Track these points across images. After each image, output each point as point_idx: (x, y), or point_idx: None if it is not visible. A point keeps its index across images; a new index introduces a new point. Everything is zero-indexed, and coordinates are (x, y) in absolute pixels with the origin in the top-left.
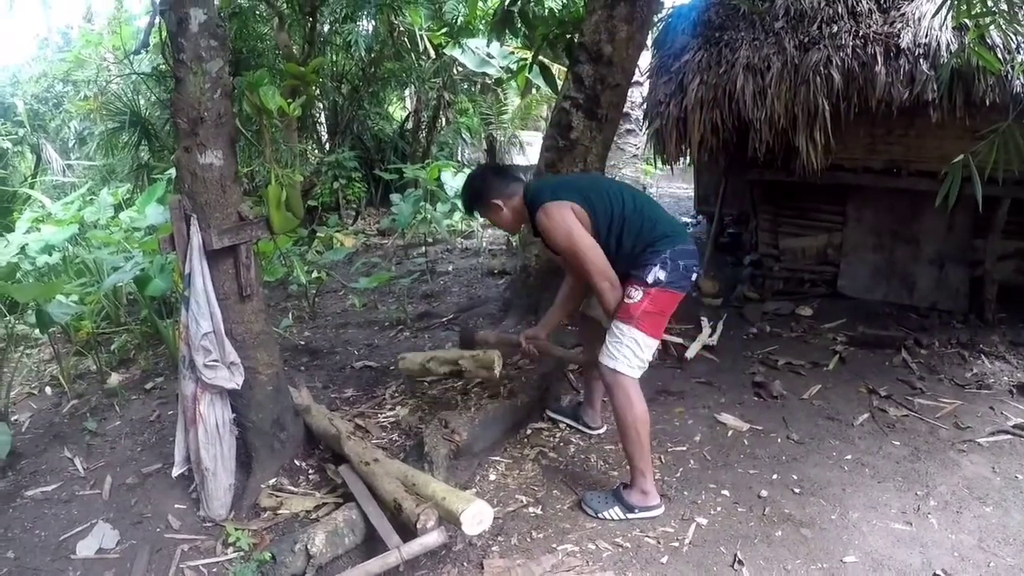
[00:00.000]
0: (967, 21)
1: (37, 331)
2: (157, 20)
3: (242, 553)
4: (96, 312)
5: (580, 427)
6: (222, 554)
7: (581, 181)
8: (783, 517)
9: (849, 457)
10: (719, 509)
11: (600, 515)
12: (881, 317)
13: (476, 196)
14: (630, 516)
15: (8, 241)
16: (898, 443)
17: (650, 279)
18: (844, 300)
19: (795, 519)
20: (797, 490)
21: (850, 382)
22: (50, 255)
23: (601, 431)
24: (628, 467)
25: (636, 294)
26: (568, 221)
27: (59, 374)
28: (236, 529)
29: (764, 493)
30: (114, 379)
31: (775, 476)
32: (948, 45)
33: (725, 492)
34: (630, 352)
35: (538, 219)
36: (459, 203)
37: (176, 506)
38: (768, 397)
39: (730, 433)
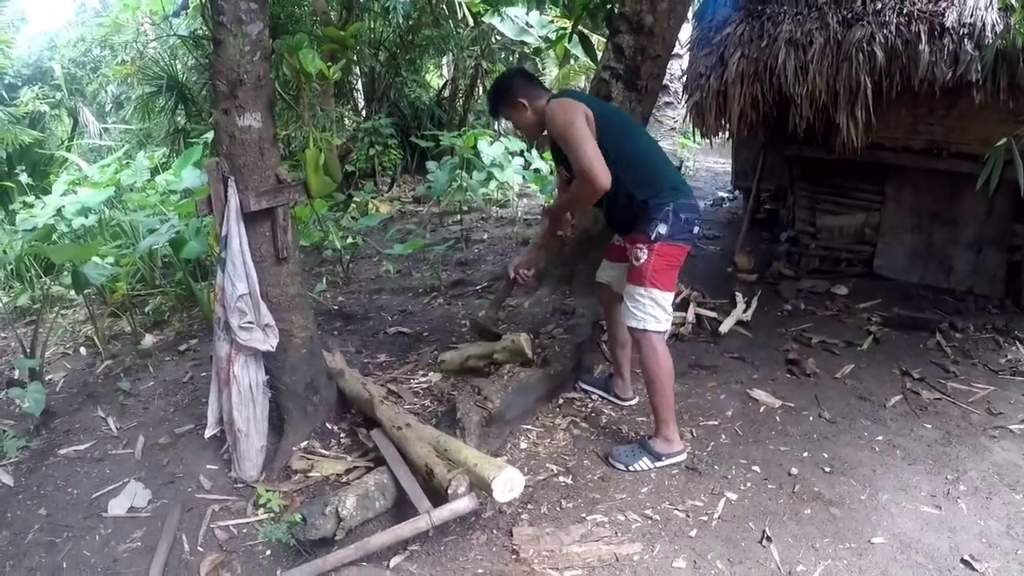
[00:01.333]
0: (1013, 2)
1: (72, 292)
2: None
3: (272, 514)
4: (131, 274)
5: (611, 398)
6: (252, 515)
7: (606, 106)
8: (813, 495)
9: (880, 438)
10: (749, 485)
11: (631, 467)
12: (917, 299)
13: (503, 93)
14: (658, 464)
15: (45, 203)
16: (930, 426)
17: (652, 235)
18: (880, 280)
19: (824, 498)
20: (827, 469)
21: (884, 363)
22: (86, 217)
23: (633, 402)
24: (653, 418)
25: (642, 254)
26: (575, 114)
27: (94, 335)
28: (267, 491)
29: (794, 471)
30: (148, 340)
31: (806, 454)
32: (994, 26)
33: (756, 468)
34: (653, 309)
35: (548, 107)
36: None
37: (208, 467)
38: (801, 375)
39: (762, 409)
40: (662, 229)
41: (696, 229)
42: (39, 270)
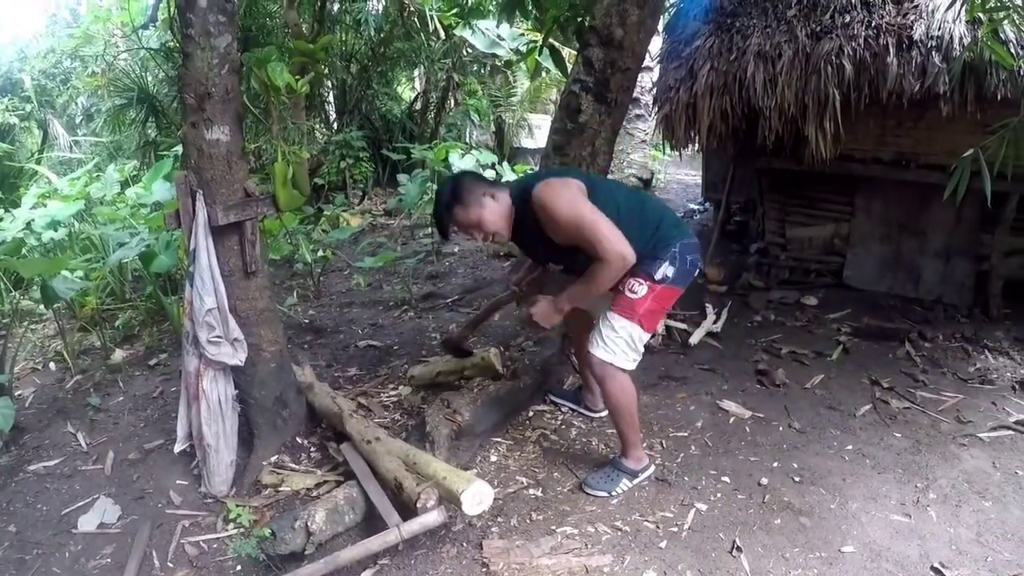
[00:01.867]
0: (981, 15)
1: (42, 306)
2: None
3: (242, 529)
4: (101, 288)
5: (581, 410)
6: (223, 530)
7: (578, 171)
8: (783, 505)
9: (850, 447)
10: (719, 495)
11: (613, 492)
12: (886, 309)
13: (460, 194)
14: (635, 481)
15: (14, 216)
16: (899, 435)
17: (658, 276)
18: (849, 291)
19: (795, 507)
20: (797, 479)
21: (853, 373)
22: (56, 231)
23: (603, 414)
24: (620, 441)
25: (640, 289)
26: (573, 191)
27: (63, 349)
28: (237, 505)
29: (764, 481)
30: (118, 355)
31: (776, 464)
32: (961, 38)
33: (725, 479)
34: (626, 346)
35: (535, 195)
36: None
37: (178, 482)
38: (771, 385)
39: (732, 420)
40: (668, 272)
41: (696, 270)
42: (8, 284)
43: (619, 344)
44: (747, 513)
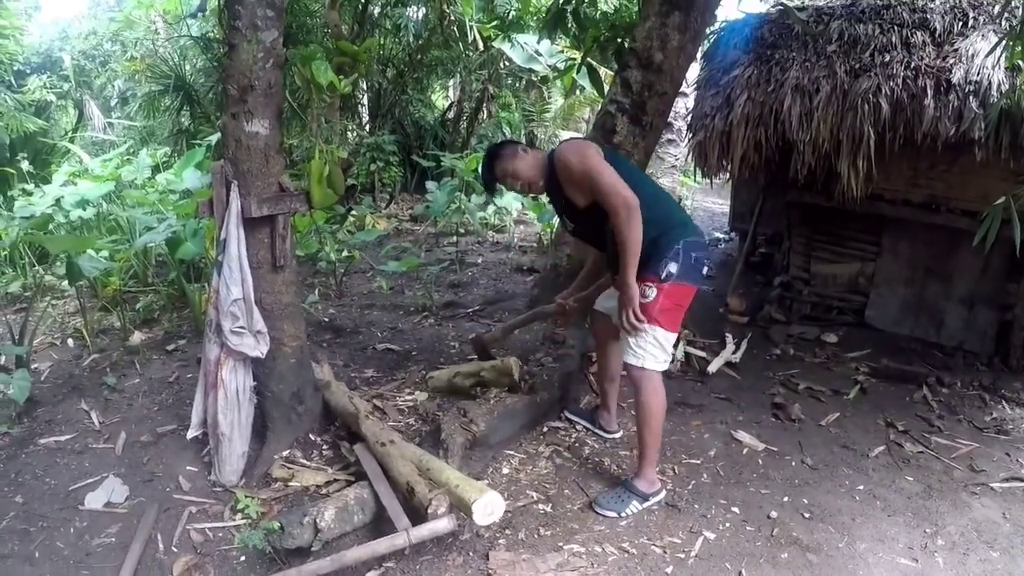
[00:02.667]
0: (1020, 63)
1: (65, 283)
2: None
3: (250, 520)
4: (125, 270)
5: (596, 430)
6: (230, 519)
7: (607, 150)
8: (790, 540)
9: (861, 487)
10: (728, 525)
11: (623, 514)
12: (906, 352)
13: (499, 153)
14: (645, 505)
15: (44, 192)
16: (911, 479)
17: (663, 274)
18: (870, 331)
19: (802, 543)
20: (807, 515)
21: (869, 413)
22: (84, 210)
23: (617, 436)
24: (637, 455)
25: (650, 292)
26: (591, 150)
27: (83, 327)
28: (246, 496)
29: (774, 514)
30: (136, 337)
31: (786, 498)
32: (999, 85)
33: (735, 509)
34: (654, 348)
35: (556, 153)
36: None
37: (188, 468)
38: (786, 419)
39: (745, 451)
40: (672, 268)
41: (705, 270)
42: (33, 258)
43: (648, 348)
44: (755, 545)
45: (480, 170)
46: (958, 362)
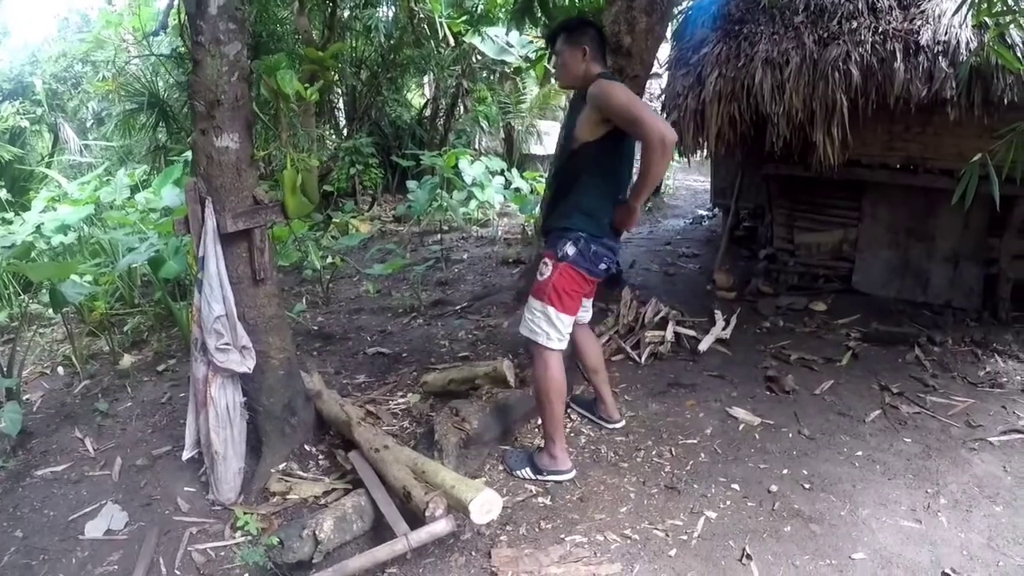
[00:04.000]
0: (987, 20)
1: (51, 310)
2: (176, 1)
3: (250, 537)
4: (110, 293)
5: (596, 420)
6: (230, 538)
7: None
8: (792, 512)
9: (860, 453)
10: (728, 503)
11: (514, 473)
12: (895, 314)
13: (575, 33)
14: (539, 477)
15: (24, 220)
16: (909, 440)
17: (559, 253)
18: (858, 296)
19: (804, 515)
20: (807, 485)
21: (862, 378)
22: (65, 235)
23: (618, 425)
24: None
25: (546, 270)
26: (626, 89)
27: (71, 354)
28: (245, 513)
29: (774, 488)
30: (126, 360)
31: (785, 471)
32: (967, 43)
33: (735, 486)
34: (547, 325)
35: (598, 82)
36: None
37: (185, 489)
38: (780, 392)
39: (741, 427)
40: (569, 250)
41: (603, 266)
42: (17, 287)
43: (536, 322)
44: (757, 521)
45: (555, 24)
46: (948, 320)
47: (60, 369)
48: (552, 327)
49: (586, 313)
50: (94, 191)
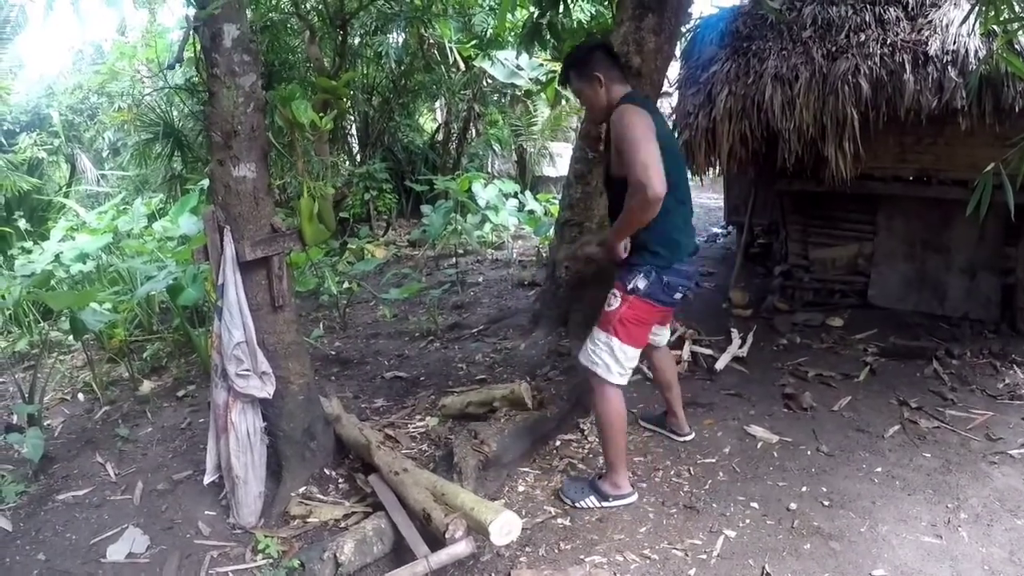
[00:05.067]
0: (995, 28)
1: (71, 338)
2: (191, 34)
3: (271, 560)
4: (129, 320)
5: (667, 434)
6: (251, 561)
7: (672, 139)
8: (812, 530)
9: (879, 469)
10: (747, 522)
11: (577, 504)
12: (912, 327)
13: (582, 63)
14: (604, 504)
15: (43, 249)
16: (929, 455)
17: (630, 285)
18: (875, 310)
19: (824, 532)
20: (826, 503)
21: (881, 394)
22: (84, 263)
23: (689, 438)
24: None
25: (614, 301)
26: (646, 127)
27: (92, 380)
28: (266, 536)
29: (793, 506)
30: (146, 386)
31: (804, 488)
32: (976, 52)
33: (754, 504)
34: (607, 357)
35: (619, 110)
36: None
37: (206, 513)
38: (798, 409)
39: (759, 445)
40: (640, 284)
41: (679, 295)
42: (38, 315)
43: (602, 356)
44: (776, 539)
45: (563, 60)
46: (965, 332)
47: (80, 395)
48: (614, 359)
49: (661, 337)
50: (112, 220)
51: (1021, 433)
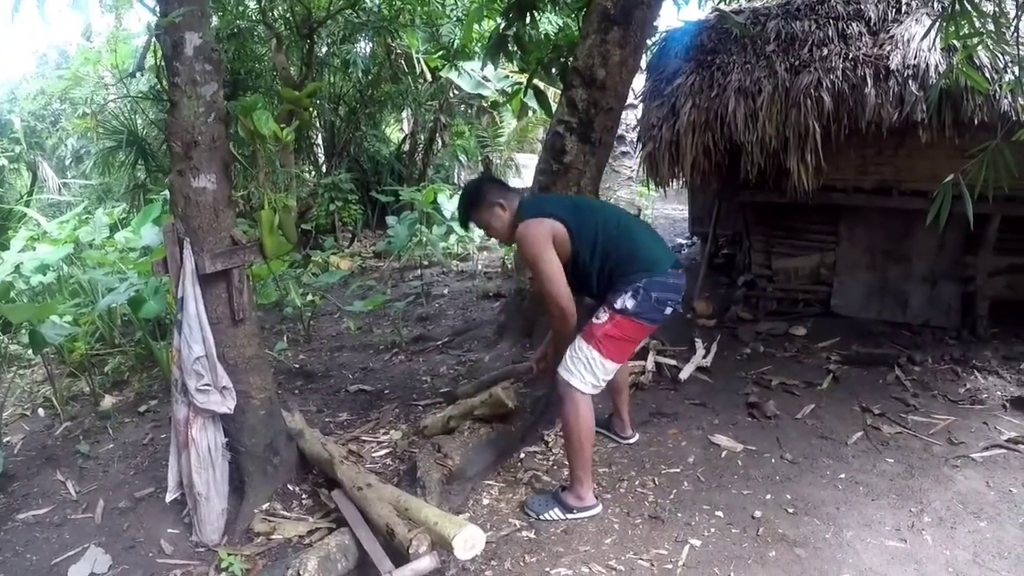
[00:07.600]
0: (955, 42)
1: (30, 352)
2: (152, 42)
3: None
4: (90, 333)
5: (612, 436)
6: None
7: (574, 201)
8: (777, 537)
9: (843, 476)
10: (713, 530)
11: (541, 517)
12: (874, 335)
13: (477, 198)
14: (568, 516)
15: (3, 260)
16: (892, 460)
17: (618, 305)
18: (837, 319)
19: (789, 539)
20: (791, 510)
21: (844, 401)
22: (44, 275)
23: (632, 440)
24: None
25: (603, 316)
26: (541, 239)
27: (52, 396)
28: (229, 554)
29: (758, 513)
30: (107, 401)
31: (769, 496)
32: (937, 66)
33: (719, 513)
34: (586, 370)
35: (518, 231)
36: (456, 218)
37: (169, 531)
38: (762, 417)
39: (724, 454)
40: (629, 304)
41: (668, 309)
42: None
43: (579, 366)
44: (742, 547)
45: (457, 208)
46: (927, 339)
47: (41, 411)
48: (591, 372)
49: None
50: (73, 230)
51: (983, 436)
